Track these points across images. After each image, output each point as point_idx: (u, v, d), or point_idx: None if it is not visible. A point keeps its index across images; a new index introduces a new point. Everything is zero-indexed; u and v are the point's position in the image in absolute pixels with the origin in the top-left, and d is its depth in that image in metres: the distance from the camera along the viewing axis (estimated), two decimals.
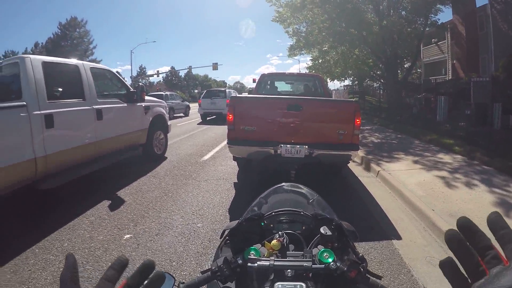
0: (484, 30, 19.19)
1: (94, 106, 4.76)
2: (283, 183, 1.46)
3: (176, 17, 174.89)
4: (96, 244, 3.13)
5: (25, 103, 3.66)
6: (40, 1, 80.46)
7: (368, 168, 6.20)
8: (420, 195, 4.31)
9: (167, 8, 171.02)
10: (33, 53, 45.89)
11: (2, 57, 50.86)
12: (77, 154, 4.42)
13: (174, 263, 2.77)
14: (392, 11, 15.25)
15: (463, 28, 21.33)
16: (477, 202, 4.06)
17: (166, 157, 7.03)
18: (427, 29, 16.20)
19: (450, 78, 22.05)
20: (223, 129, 11.73)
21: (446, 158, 6.63)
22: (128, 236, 3.30)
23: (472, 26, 20.55)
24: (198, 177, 5.43)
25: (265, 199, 1.32)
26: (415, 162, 6.27)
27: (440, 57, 25.33)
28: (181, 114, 21.45)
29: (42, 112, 3.82)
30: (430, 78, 25.24)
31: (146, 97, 6.31)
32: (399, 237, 3.32)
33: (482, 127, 7.61)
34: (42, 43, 51.12)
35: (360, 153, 6.59)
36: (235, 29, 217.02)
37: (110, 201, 4.29)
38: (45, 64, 4.08)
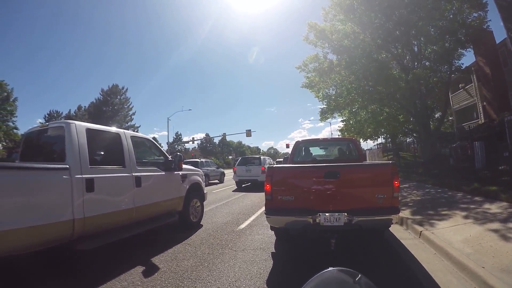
0: (508, 65, 18.68)
1: (133, 174, 4.91)
2: (326, 269, 1.33)
3: (210, 86, 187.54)
4: None
5: (68, 166, 3.83)
6: (84, 68, 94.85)
7: (409, 229, 5.73)
8: (468, 253, 3.85)
9: (202, 78, 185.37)
10: (76, 115, 50.12)
11: (47, 116, 55.23)
12: (114, 218, 4.45)
13: None
14: (416, 63, 15.44)
15: (487, 67, 20.84)
16: None
17: (202, 225, 6.89)
18: (452, 75, 16.05)
19: (483, 121, 21.01)
20: (259, 197, 11.64)
21: (491, 207, 6.13)
22: None
23: (495, 63, 20.11)
24: (235, 247, 5.15)
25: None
26: (459, 216, 5.74)
27: (469, 101, 24.54)
28: (216, 181, 21.68)
29: (84, 176, 3.96)
30: (463, 124, 24.28)
31: (183, 166, 6.46)
32: None
33: None
34: (85, 106, 55.53)
35: (401, 213, 6.17)
36: (267, 96, 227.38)
37: (144, 267, 4.14)
38: (89, 130, 4.35)
